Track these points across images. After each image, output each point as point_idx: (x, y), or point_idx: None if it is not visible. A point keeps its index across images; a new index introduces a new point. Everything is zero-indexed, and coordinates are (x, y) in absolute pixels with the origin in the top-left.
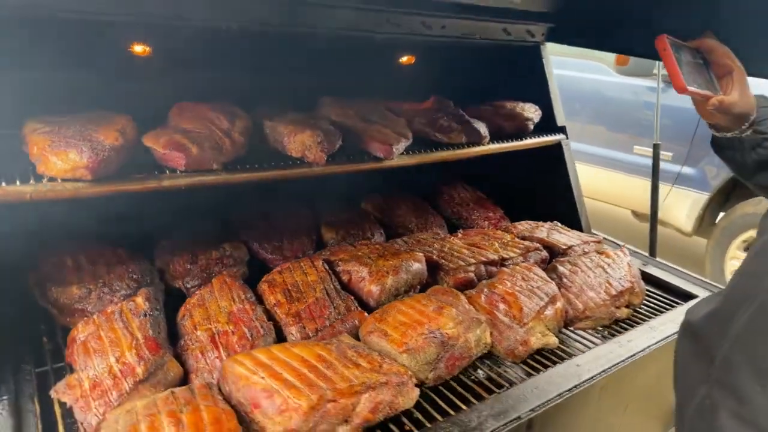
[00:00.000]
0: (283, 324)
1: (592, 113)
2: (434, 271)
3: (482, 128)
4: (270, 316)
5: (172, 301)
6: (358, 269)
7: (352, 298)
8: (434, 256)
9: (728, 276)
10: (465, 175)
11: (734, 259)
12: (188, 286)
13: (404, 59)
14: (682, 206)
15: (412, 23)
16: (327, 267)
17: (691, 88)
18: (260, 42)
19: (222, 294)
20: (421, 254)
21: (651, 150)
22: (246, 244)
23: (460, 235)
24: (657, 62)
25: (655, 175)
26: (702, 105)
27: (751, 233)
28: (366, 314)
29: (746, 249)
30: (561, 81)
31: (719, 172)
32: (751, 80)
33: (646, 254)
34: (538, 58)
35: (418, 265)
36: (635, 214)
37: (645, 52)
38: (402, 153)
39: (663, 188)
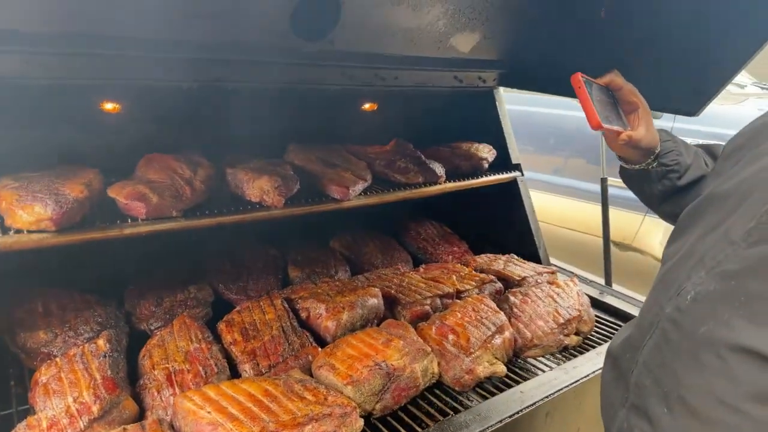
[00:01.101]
0: (239, 361)
1: (571, 149)
2: (393, 305)
3: (438, 168)
4: (227, 355)
5: (142, 342)
6: (316, 306)
7: (308, 334)
8: (392, 291)
9: None
10: (435, 212)
11: None
12: (152, 327)
13: (367, 106)
14: (655, 234)
15: (366, 76)
16: (286, 305)
17: (605, 126)
18: (229, 96)
19: (181, 334)
20: (377, 289)
21: (619, 181)
22: (212, 285)
23: (421, 269)
24: None
25: (605, 208)
26: (613, 139)
27: None
28: (319, 349)
29: None
30: (536, 117)
31: None
32: None
33: (603, 283)
34: (491, 102)
35: (374, 300)
36: (613, 243)
37: None
38: (361, 194)
39: (636, 217)
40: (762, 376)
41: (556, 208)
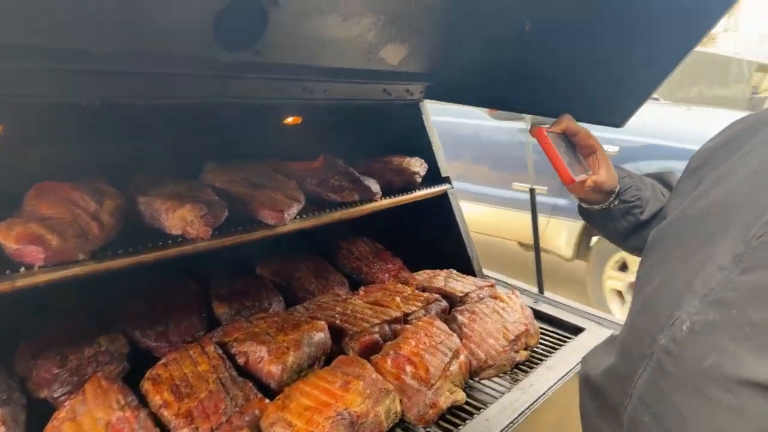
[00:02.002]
0: (173, 427)
1: (474, 155)
2: (339, 336)
3: (373, 185)
4: (158, 420)
5: (45, 415)
6: (256, 349)
7: (251, 384)
8: (337, 321)
9: (608, 294)
10: (365, 229)
11: (611, 278)
12: (56, 395)
13: (291, 120)
14: (560, 235)
15: (293, 89)
16: (220, 351)
17: (576, 178)
18: (137, 111)
19: (97, 402)
20: (322, 322)
21: (525, 185)
22: (125, 334)
23: (361, 293)
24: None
25: (534, 217)
26: (579, 186)
27: (621, 254)
28: (267, 401)
29: (620, 268)
30: (445, 126)
31: None
32: None
33: (536, 291)
34: (418, 115)
35: (320, 335)
36: (521, 244)
37: (514, 106)
38: (296, 217)
39: (542, 219)
40: None
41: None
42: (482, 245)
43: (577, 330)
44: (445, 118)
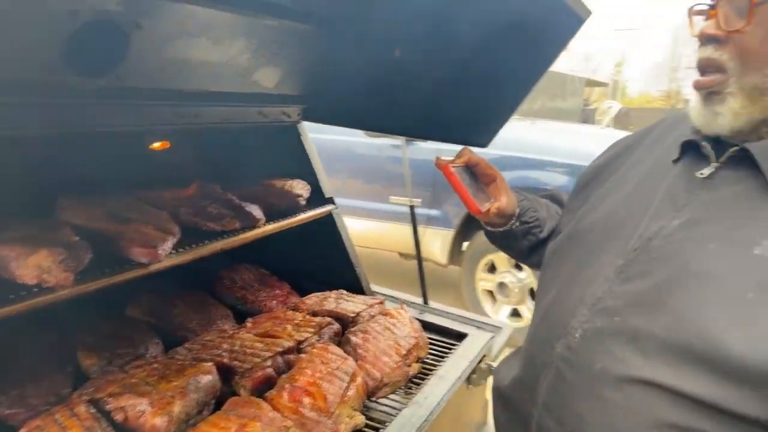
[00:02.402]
0: None
1: (350, 170)
2: (228, 375)
3: (256, 211)
4: None
5: None
6: (135, 402)
7: None
8: (225, 360)
9: (481, 296)
10: (249, 256)
11: (482, 280)
12: None
13: (158, 145)
14: (435, 243)
15: (162, 114)
16: (93, 410)
17: (482, 209)
18: None
19: None
20: (209, 364)
21: (404, 199)
22: None
23: (249, 325)
24: None
25: (415, 232)
26: (484, 214)
27: (490, 257)
28: None
29: (489, 270)
30: (320, 143)
31: (458, 212)
32: None
33: (421, 302)
34: (298, 137)
35: (208, 378)
36: (402, 255)
37: (391, 130)
38: (171, 251)
39: (419, 230)
40: (660, 406)
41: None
42: (365, 258)
43: (460, 336)
44: (319, 135)
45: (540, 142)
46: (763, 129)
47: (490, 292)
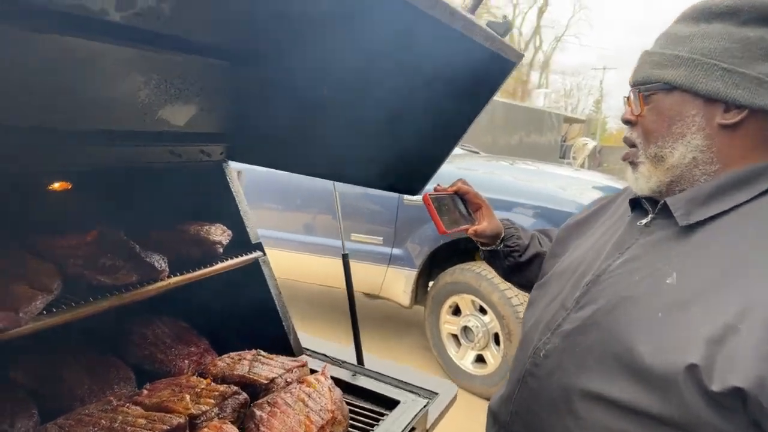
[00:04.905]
0: None
1: (316, 205)
2: None
3: (157, 261)
4: None
5: None
6: None
7: None
8: None
9: (445, 338)
10: (171, 306)
11: (446, 323)
12: None
13: (58, 185)
14: (398, 283)
15: (50, 155)
16: None
17: (449, 231)
18: None
19: None
20: None
21: (367, 237)
22: None
23: (145, 392)
24: None
25: (349, 284)
26: (464, 233)
27: (454, 299)
28: None
29: (453, 312)
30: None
31: (421, 251)
32: None
33: (355, 363)
34: (222, 177)
35: None
36: (366, 294)
37: (320, 173)
38: (43, 312)
39: (380, 269)
40: (605, 415)
41: (310, 264)
42: (325, 297)
43: (393, 404)
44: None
45: (508, 183)
46: (675, 189)
47: (455, 336)
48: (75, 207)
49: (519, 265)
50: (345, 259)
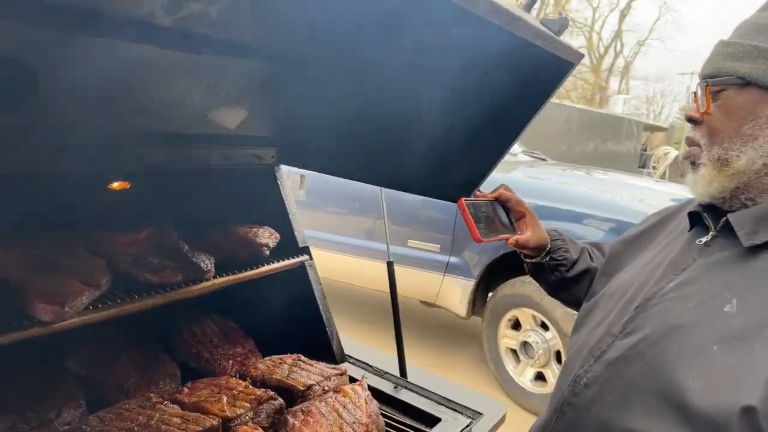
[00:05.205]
0: None
1: (375, 210)
2: None
3: (204, 262)
4: None
5: None
6: None
7: None
8: None
9: (503, 353)
10: (221, 305)
11: (505, 337)
12: None
13: (117, 185)
14: (455, 292)
15: (107, 158)
16: None
17: (485, 239)
18: None
19: None
20: None
21: (424, 244)
22: None
23: (185, 391)
24: None
25: (393, 292)
26: (505, 242)
27: (513, 312)
28: None
29: (513, 326)
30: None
31: (479, 260)
32: None
33: (398, 375)
34: (272, 181)
35: None
36: (423, 302)
37: (370, 179)
38: (89, 306)
39: (436, 277)
40: None
41: (367, 269)
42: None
43: (433, 421)
44: None
45: (579, 193)
46: (741, 197)
47: (514, 351)
48: (131, 206)
49: (566, 281)
50: (390, 266)
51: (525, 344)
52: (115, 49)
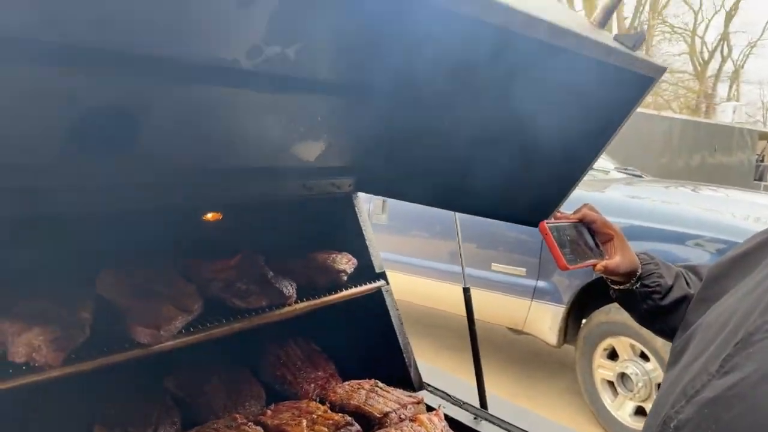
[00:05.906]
0: None
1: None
2: None
3: (287, 287)
4: None
5: None
6: None
7: None
8: None
9: (599, 384)
10: (304, 328)
11: (601, 367)
12: None
13: (210, 216)
14: (544, 319)
15: (199, 191)
16: None
17: (572, 266)
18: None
19: None
20: None
21: (509, 267)
22: None
23: (268, 413)
24: None
25: (471, 319)
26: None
27: (609, 341)
28: None
29: (609, 356)
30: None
31: (570, 285)
32: None
33: (477, 406)
34: (350, 209)
35: None
36: (510, 329)
37: (443, 203)
38: (183, 330)
39: (523, 303)
40: None
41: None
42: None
43: None
44: None
45: (681, 211)
46: None
47: (611, 383)
48: (220, 236)
49: (660, 310)
50: (466, 293)
51: (623, 376)
52: (205, 94)
